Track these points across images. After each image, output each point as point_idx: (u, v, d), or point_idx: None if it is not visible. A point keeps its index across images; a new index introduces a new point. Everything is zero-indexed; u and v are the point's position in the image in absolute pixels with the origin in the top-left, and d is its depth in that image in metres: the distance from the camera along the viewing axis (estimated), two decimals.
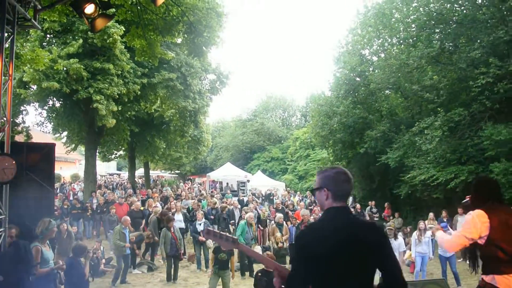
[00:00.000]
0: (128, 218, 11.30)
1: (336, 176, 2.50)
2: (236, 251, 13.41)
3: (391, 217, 17.44)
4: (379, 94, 21.24)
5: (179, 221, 13.22)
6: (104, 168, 54.31)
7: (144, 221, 13.90)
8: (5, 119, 5.27)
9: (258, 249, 13.58)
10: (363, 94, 21.75)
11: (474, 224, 3.41)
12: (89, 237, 16.26)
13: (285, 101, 54.57)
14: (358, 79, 22.00)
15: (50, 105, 21.20)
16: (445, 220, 13.54)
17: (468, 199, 3.88)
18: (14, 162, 4.77)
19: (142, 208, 15.17)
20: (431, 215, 13.94)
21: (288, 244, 11.82)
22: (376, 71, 20.84)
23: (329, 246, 2.32)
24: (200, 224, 12.07)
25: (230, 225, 14.63)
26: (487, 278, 3.44)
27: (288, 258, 11.27)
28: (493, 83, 13.53)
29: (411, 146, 17.06)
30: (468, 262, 12.47)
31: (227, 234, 2.79)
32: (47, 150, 6.14)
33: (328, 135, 23.04)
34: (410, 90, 17.81)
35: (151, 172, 41.26)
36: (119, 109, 18.35)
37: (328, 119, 22.84)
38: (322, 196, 2.51)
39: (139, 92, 18.42)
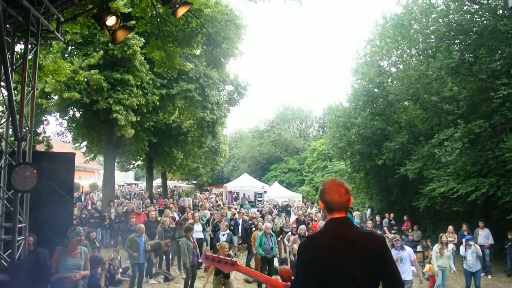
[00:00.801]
0: (142, 226, 11.33)
1: (327, 188, 2.54)
2: (253, 261, 13.49)
3: (410, 230, 17.16)
4: (397, 105, 21.08)
5: (198, 231, 13.22)
6: (122, 178, 54.83)
7: None
8: (27, 128, 5.37)
9: (275, 261, 13.59)
10: (382, 105, 21.59)
11: None
12: (107, 246, 16.36)
13: (303, 112, 54.57)
14: (376, 90, 21.87)
15: (71, 115, 21.58)
16: (465, 233, 13.31)
17: None
18: (35, 171, 4.85)
19: (159, 218, 15.24)
20: (450, 228, 13.72)
21: None
22: (395, 82, 20.71)
23: (328, 254, 2.34)
24: (224, 235, 12.09)
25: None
26: None
27: None
28: None
29: (431, 158, 16.82)
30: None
31: (226, 257, 2.84)
32: (67, 160, 6.24)
33: (345, 146, 22.93)
34: (429, 101, 17.61)
35: (168, 182, 41.54)
36: (138, 119, 18.56)
37: (346, 131, 22.74)
38: (321, 208, 2.61)
39: (157, 103, 18.64)
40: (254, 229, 13.90)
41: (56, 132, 21.98)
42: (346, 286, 2.31)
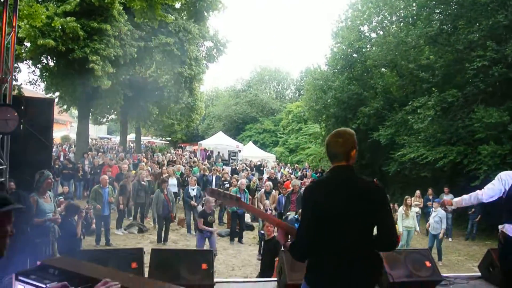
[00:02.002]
0: (106, 177, 11.28)
1: (328, 140, 2.71)
2: (225, 216, 13.81)
3: None
4: (375, 71, 21.31)
5: (173, 186, 13.34)
6: (95, 132, 54.00)
7: None
8: (7, 70, 5.29)
9: (247, 216, 13.95)
10: (359, 70, 21.80)
11: (500, 180, 4.07)
12: (80, 197, 16.35)
13: (280, 74, 54.35)
14: (355, 55, 22.00)
15: (44, 64, 20.91)
16: (430, 197, 13.88)
17: None
18: (16, 113, 4.82)
19: (133, 172, 15.27)
20: (417, 192, 14.25)
21: (276, 213, 12.07)
22: (374, 48, 20.85)
23: (332, 200, 2.51)
24: (193, 190, 12.23)
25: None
26: (500, 227, 4.08)
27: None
28: (488, 67, 13.67)
29: (403, 124, 17.28)
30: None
31: (231, 193, 2.91)
32: (46, 105, 6.18)
33: (322, 109, 23.16)
34: (406, 68, 17.88)
35: (142, 137, 41.20)
36: (114, 71, 18.18)
37: (323, 93, 22.93)
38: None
39: (135, 55, 18.25)
40: (227, 185, 14.14)
41: (28, 80, 21.22)
42: (347, 228, 2.50)
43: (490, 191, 4.14)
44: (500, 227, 4.10)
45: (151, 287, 2.39)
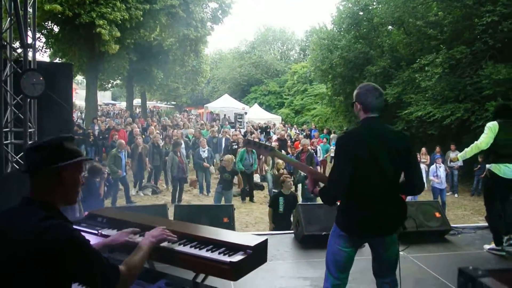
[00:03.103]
0: (123, 141, 11.59)
1: (365, 92, 2.86)
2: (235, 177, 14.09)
3: None
4: (381, 29, 21.07)
5: (182, 148, 13.59)
6: (99, 98, 53.95)
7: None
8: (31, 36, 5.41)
9: (257, 177, 14.25)
10: (366, 29, 21.56)
11: (490, 129, 4.95)
12: (91, 162, 16.63)
13: (284, 34, 53.61)
14: (361, 13, 21.70)
15: (49, 30, 20.81)
16: (438, 155, 14.07)
17: None
18: (42, 78, 4.97)
19: (143, 136, 15.51)
20: (423, 150, 14.40)
21: (286, 171, 12.32)
22: (381, 5, 20.58)
23: (364, 148, 2.72)
24: (204, 151, 12.48)
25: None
26: (488, 166, 5.08)
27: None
28: (497, 22, 13.54)
29: (411, 82, 17.27)
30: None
31: (265, 143, 3.10)
32: (66, 70, 6.31)
33: (328, 69, 23.04)
34: (413, 26, 17.69)
35: (147, 102, 41.29)
36: (119, 35, 18.11)
37: (329, 53, 22.78)
38: (356, 109, 2.91)
39: (141, 18, 18.10)
40: (236, 147, 14.38)
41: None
42: (378, 173, 2.73)
43: (487, 139, 4.94)
44: (487, 166, 5.10)
45: (190, 227, 2.62)
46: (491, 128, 4.96)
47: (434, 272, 4.51)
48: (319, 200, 3.31)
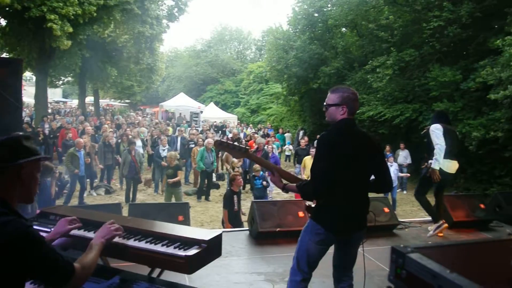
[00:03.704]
0: (81, 140, 11.31)
1: (353, 97, 3.01)
2: (191, 176, 14.07)
3: None
4: (335, 31, 21.58)
5: (138, 147, 13.40)
6: (49, 95, 52.04)
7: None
8: None
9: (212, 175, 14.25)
10: (320, 30, 22.00)
11: (438, 129, 5.51)
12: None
13: (241, 34, 53.68)
14: (316, 14, 22.12)
15: None
16: (388, 153, 14.58)
17: (426, 128, 6.00)
18: None
19: (96, 134, 15.17)
20: (380, 145, 14.85)
21: (242, 170, 12.40)
22: (335, 7, 21.03)
23: (346, 146, 2.86)
24: (163, 150, 12.37)
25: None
26: (430, 161, 5.57)
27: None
28: (444, 27, 14.19)
29: (363, 83, 17.81)
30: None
31: (239, 145, 3.13)
32: (14, 66, 6.08)
33: (283, 69, 23.31)
34: (366, 28, 18.24)
35: (100, 100, 40.26)
36: (71, 31, 17.57)
37: (285, 53, 23.07)
38: (338, 111, 2.98)
39: (95, 14, 17.63)
40: (193, 145, 14.34)
41: None
42: (355, 171, 2.88)
43: (440, 139, 5.47)
44: (430, 161, 5.60)
45: (145, 224, 2.64)
46: (440, 130, 5.52)
47: (381, 263, 4.73)
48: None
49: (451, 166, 5.64)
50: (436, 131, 5.52)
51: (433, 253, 1.15)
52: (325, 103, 3.08)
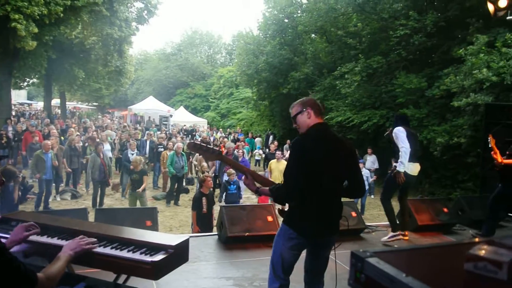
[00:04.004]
0: (48, 142, 11.00)
1: (311, 100, 3.09)
2: (160, 181, 13.92)
3: None
4: (305, 37, 21.83)
5: (107, 150, 13.17)
6: (13, 97, 50.54)
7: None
8: None
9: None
10: (290, 36, 22.23)
11: (402, 132, 5.53)
12: (5, 165, 15.59)
13: (211, 38, 53.58)
14: (286, 20, 22.36)
15: None
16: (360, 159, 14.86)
17: (389, 130, 6.06)
18: None
19: (62, 137, 14.80)
20: (355, 150, 15.08)
21: (213, 175, 12.35)
22: (305, 14, 21.30)
23: (319, 151, 2.85)
24: (132, 154, 12.18)
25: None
26: (395, 165, 5.63)
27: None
28: (410, 35, 14.60)
29: (332, 89, 18.09)
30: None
31: (213, 147, 3.12)
32: None
33: (253, 74, 23.43)
34: (335, 35, 18.55)
35: (67, 103, 39.39)
36: (38, 32, 17.09)
37: (255, 58, 23.20)
38: (305, 117, 3.01)
39: (62, 15, 17.21)
40: (161, 149, 14.21)
41: None
42: (328, 176, 2.87)
43: (405, 141, 5.49)
44: (395, 164, 5.68)
45: (110, 229, 2.60)
46: (404, 133, 5.54)
47: (347, 266, 4.79)
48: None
49: (414, 169, 5.70)
50: (401, 134, 5.55)
51: (392, 257, 1.18)
52: (292, 118, 3.11)
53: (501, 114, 7.97)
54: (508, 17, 8.10)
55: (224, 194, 9.44)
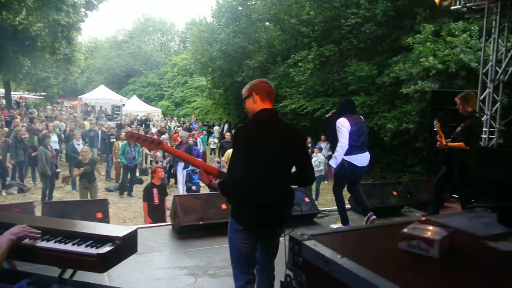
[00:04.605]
0: None
1: (260, 84, 2.92)
2: (112, 172, 13.62)
3: None
4: (259, 25, 21.79)
5: (54, 142, 12.69)
6: None
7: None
8: None
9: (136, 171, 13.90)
10: (244, 24, 22.12)
11: (344, 126, 5.37)
12: None
13: (164, 25, 52.60)
14: (240, 8, 22.25)
15: None
16: (309, 145, 15.06)
17: (331, 113, 6.07)
18: None
19: (6, 129, 14.14)
20: (305, 137, 15.28)
21: (168, 165, 12.19)
22: (258, 1, 21.26)
23: (263, 140, 2.72)
24: (78, 144, 11.78)
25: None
26: (345, 157, 5.44)
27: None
28: (361, 24, 14.90)
29: (286, 77, 18.22)
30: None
31: (152, 136, 2.97)
32: None
33: (207, 62, 23.21)
34: (288, 23, 18.64)
35: (12, 93, 37.58)
36: None
37: (209, 46, 22.97)
38: (251, 102, 2.87)
39: (2, 0, 16.33)
40: (114, 139, 13.89)
41: None
42: (275, 165, 2.75)
43: (345, 136, 5.37)
44: (344, 157, 5.48)
45: (55, 222, 2.51)
46: (344, 125, 5.37)
47: None
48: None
49: (363, 160, 5.55)
50: (342, 129, 5.38)
51: (328, 239, 1.20)
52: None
53: (446, 100, 8.25)
54: (452, 7, 8.45)
55: (184, 183, 9.31)
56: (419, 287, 0.92)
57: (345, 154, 5.44)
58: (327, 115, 6.06)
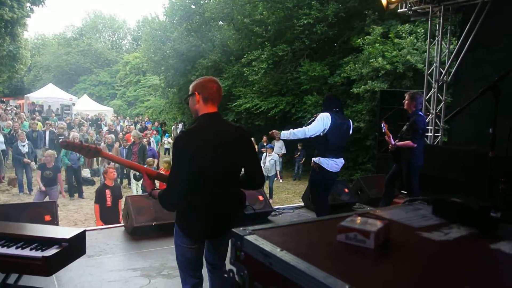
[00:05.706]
0: None
1: (204, 83, 2.72)
2: (62, 171, 13.19)
3: None
4: (213, 24, 21.75)
5: (0, 143, 12.13)
6: None
7: None
8: None
9: (86, 171, 13.55)
10: (198, 22, 22.02)
11: (323, 120, 4.86)
12: None
13: (115, 23, 51.37)
14: (193, 6, 22.08)
15: None
16: (265, 144, 15.20)
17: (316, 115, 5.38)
18: None
19: None
20: (252, 139, 15.38)
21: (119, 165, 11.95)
22: (212, 0, 21.19)
23: (205, 147, 2.55)
24: (23, 146, 11.31)
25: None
26: (315, 159, 5.05)
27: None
28: (312, 25, 15.18)
29: (240, 76, 18.28)
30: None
31: (89, 144, 2.83)
32: None
33: (160, 60, 22.97)
34: (242, 22, 18.69)
35: None
36: None
37: (161, 44, 22.72)
38: (193, 102, 2.69)
39: None
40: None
41: None
42: (220, 172, 2.62)
43: (315, 128, 4.88)
44: (314, 159, 5.09)
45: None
46: (323, 119, 4.89)
47: None
48: None
49: (335, 165, 5.12)
50: (318, 122, 4.90)
51: (269, 233, 1.23)
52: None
53: (394, 100, 8.55)
54: (399, 10, 8.76)
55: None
56: (352, 276, 0.97)
57: (318, 155, 5.04)
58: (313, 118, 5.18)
